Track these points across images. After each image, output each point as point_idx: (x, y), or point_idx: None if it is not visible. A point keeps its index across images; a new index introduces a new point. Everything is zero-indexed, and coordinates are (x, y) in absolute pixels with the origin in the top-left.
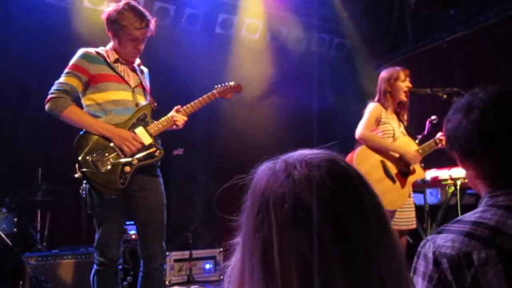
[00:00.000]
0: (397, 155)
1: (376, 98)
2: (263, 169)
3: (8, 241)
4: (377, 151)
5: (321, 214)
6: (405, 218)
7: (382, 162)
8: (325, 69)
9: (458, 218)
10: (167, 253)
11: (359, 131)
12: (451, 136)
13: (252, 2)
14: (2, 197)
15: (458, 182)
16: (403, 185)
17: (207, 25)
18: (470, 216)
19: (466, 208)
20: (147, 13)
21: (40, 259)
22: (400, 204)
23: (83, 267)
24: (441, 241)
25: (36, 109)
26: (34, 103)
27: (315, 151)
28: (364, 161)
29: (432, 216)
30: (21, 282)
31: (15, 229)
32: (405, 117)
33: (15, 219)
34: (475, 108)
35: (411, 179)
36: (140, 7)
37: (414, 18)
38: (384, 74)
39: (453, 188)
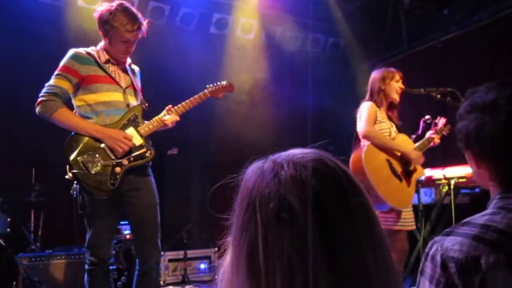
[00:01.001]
0: (399, 154)
1: (368, 97)
2: (252, 169)
3: (1, 241)
4: (381, 149)
5: (306, 215)
6: (410, 218)
7: (388, 160)
8: (319, 68)
9: (466, 220)
10: (162, 253)
11: (363, 129)
12: (471, 136)
13: (247, 2)
14: None
15: (452, 182)
16: (408, 184)
17: (202, 25)
18: (479, 218)
19: (460, 208)
20: (139, 15)
21: (33, 259)
22: (409, 203)
23: (77, 267)
24: (449, 244)
25: (29, 109)
26: (28, 103)
27: (305, 151)
28: (372, 159)
29: (426, 216)
30: (14, 282)
31: (8, 230)
32: (395, 116)
33: (8, 220)
34: (502, 110)
35: (415, 177)
36: (133, 9)
37: (409, 18)
38: (377, 74)
39: (447, 187)
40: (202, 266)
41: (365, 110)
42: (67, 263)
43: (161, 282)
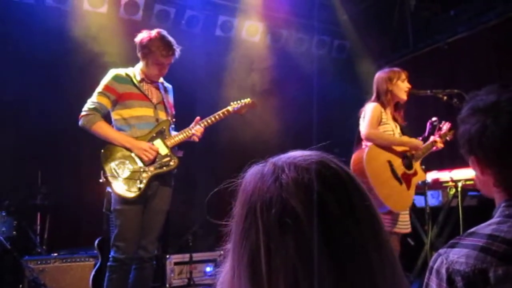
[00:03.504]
0: (403, 148)
1: (374, 98)
2: (251, 173)
3: (7, 244)
4: (385, 149)
5: (310, 220)
6: (406, 221)
7: (389, 162)
8: (325, 71)
9: (472, 230)
10: (167, 256)
11: (365, 131)
12: (473, 141)
13: (252, 5)
14: (1, 200)
15: (459, 184)
16: (408, 186)
17: (207, 28)
18: (485, 228)
19: (467, 210)
20: (174, 42)
21: (39, 262)
22: (407, 206)
23: (83, 270)
24: (455, 257)
25: (36, 112)
26: (34, 105)
27: (306, 153)
28: (373, 161)
29: (433, 218)
30: (20, 285)
31: (14, 233)
32: (401, 117)
33: (15, 222)
34: (503, 112)
35: (415, 180)
36: (169, 37)
37: (415, 19)
38: (383, 74)
39: (454, 190)
40: (208, 269)
41: (369, 112)
42: (73, 266)
43: (167, 285)
